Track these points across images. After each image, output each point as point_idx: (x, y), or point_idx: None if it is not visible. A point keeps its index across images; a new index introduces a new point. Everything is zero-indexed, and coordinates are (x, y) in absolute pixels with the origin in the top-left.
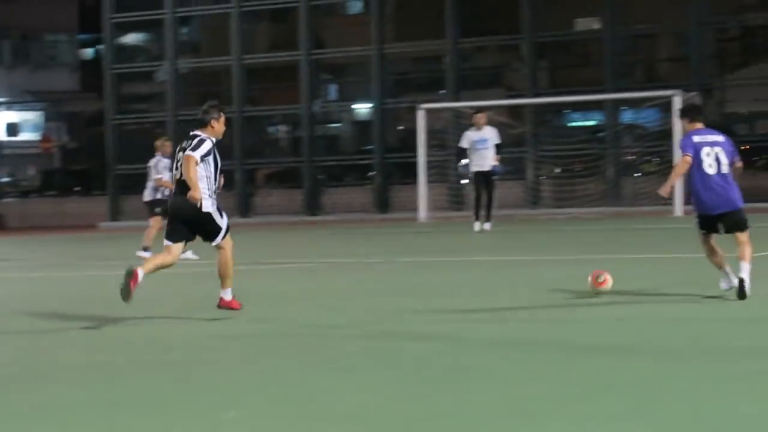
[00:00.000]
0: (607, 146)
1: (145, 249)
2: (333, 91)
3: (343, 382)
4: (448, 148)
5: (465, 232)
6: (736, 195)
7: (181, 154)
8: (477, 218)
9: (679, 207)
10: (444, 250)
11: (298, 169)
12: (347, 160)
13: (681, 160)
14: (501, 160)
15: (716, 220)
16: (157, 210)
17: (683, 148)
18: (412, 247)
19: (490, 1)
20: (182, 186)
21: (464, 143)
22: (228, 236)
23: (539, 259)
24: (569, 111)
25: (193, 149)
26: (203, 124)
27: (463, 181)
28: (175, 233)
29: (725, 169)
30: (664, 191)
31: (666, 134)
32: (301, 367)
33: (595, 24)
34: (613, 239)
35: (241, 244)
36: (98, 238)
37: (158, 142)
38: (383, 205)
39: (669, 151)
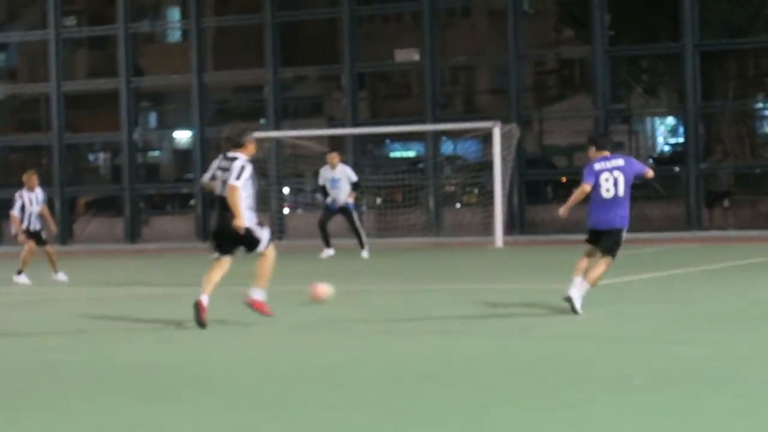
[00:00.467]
0: (427, 177)
1: (20, 272)
2: (153, 118)
3: (169, 413)
4: (269, 177)
5: (284, 260)
6: (619, 216)
7: (219, 172)
8: (327, 245)
9: (499, 238)
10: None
11: (119, 197)
12: (168, 188)
13: (580, 188)
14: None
15: (598, 235)
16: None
17: (585, 176)
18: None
19: (310, 31)
20: (225, 203)
21: (320, 180)
22: (271, 246)
23: (362, 288)
24: (390, 141)
25: (237, 178)
26: (238, 146)
27: (285, 210)
28: (223, 247)
29: (621, 192)
30: (562, 213)
31: (486, 165)
32: (126, 400)
33: (414, 55)
34: (431, 269)
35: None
36: None
37: (25, 177)
38: (205, 233)
39: (488, 182)
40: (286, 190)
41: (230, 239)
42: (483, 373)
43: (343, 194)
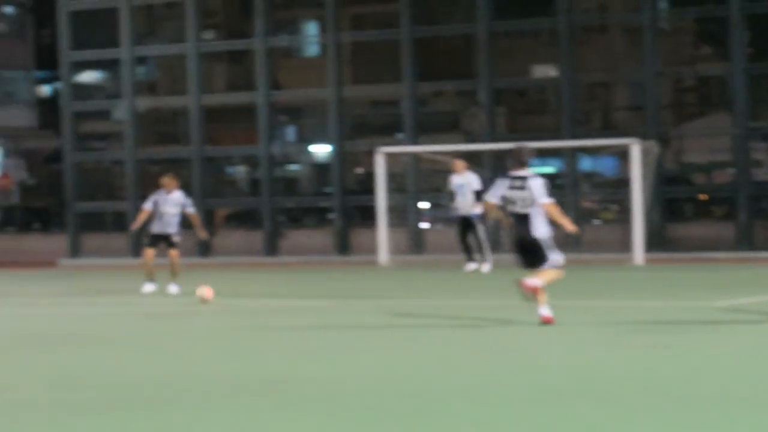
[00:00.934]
0: (565, 193)
1: (151, 280)
2: (291, 132)
3: (308, 425)
4: (407, 192)
5: (423, 275)
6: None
7: (514, 192)
8: (469, 260)
9: (639, 255)
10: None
11: (258, 210)
12: (306, 202)
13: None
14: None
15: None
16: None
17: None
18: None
19: (448, 46)
20: (523, 219)
21: (450, 186)
22: (557, 268)
23: (502, 304)
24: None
25: (547, 195)
26: (523, 164)
27: (423, 225)
28: (525, 260)
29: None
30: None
31: (624, 182)
32: (266, 412)
33: (551, 71)
34: (570, 286)
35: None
36: (58, 275)
37: (164, 180)
38: (343, 247)
39: (627, 198)
40: (424, 205)
41: (525, 252)
42: (625, 390)
43: (466, 202)
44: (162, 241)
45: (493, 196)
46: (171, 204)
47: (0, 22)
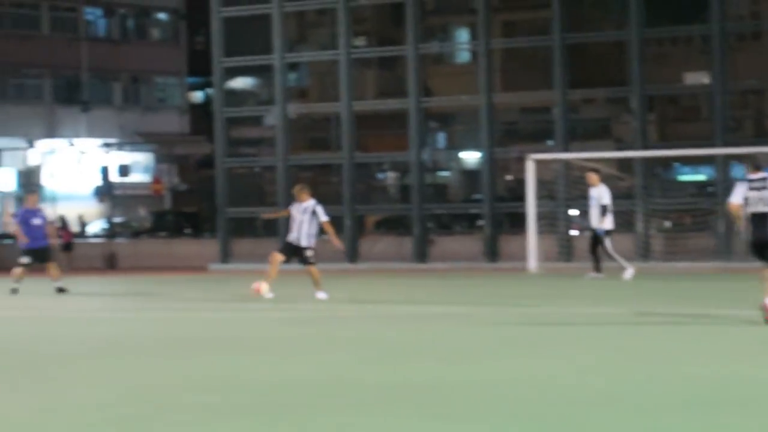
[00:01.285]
0: (717, 201)
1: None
2: (441, 139)
3: None
4: (557, 199)
5: (573, 282)
6: None
7: (753, 193)
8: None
9: None
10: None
11: (407, 217)
12: (456, 209)
13: None
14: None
15: None
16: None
17: None
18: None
19: (599, 53)
20: (764, 219)
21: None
22: None
23: (653, 311)
24: (679, 164)
25: None
26: (758, 168)
27: (572, 232)
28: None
29: None
30: None
31: None
32: (418, 420)
33: (704, 78)
34: (719, 294)
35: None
36: (208, 279)
37: (294, 190)
38: (492, 254)
39: None
40: (573, 212)
41: (764, 250)
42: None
43: (595, 215)
44: (295, 252)
45: (737, 199)
46: (302, 212)
47: (154, 29)
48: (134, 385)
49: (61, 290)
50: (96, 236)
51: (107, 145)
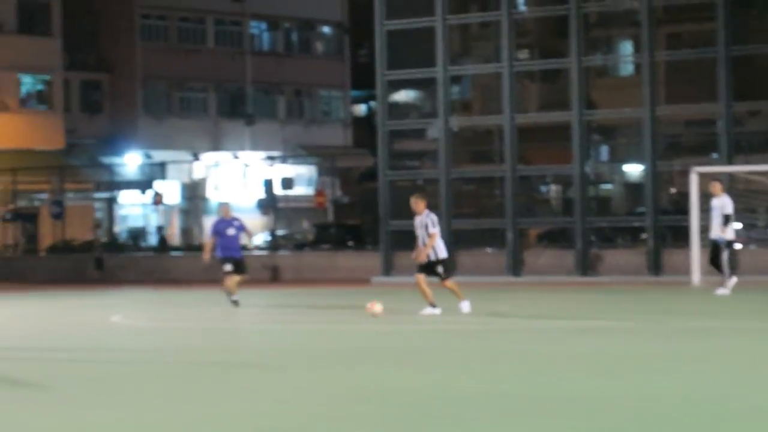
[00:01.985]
0: None
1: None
2: (604, 151)
3: None
4: None
5: (736, 296)
6: None
7: None
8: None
9: None
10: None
11: (570, 229)
12: (619, 221)
13: None
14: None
15: None
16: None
17: None
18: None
19: (765, 65)
20: None
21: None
22: None
23: None
24: None
25: None
26: None
27: (736, 246)
28: None
29: None
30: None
31: None
32: None
33: None
34: None
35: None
36: (371, 292)
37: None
38: (656, 267)
39: None
40: (737, 226)
41: None
42: None
43: (716, 225)
44: (430, 268)
45: None
46: (420, 227)
47: (318, 43)
48: (296, 396)
49: (235, 303)
50: (259, 248)
51: (271, 157)
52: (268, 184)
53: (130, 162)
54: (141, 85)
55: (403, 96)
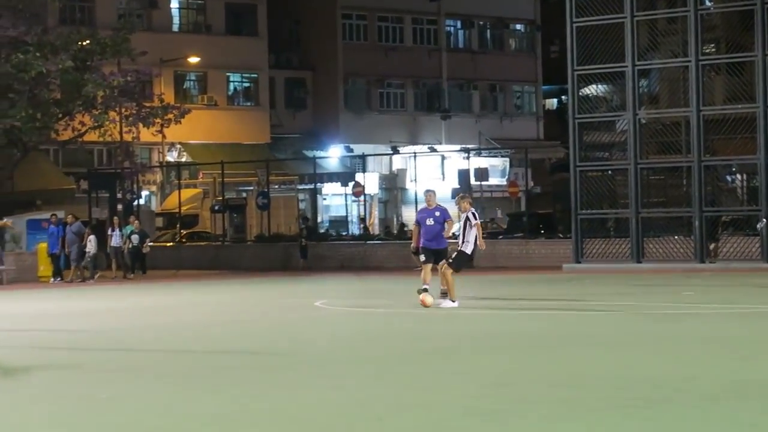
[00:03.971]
0: None
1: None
2: None
3: None
4: None
5: None
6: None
7: None
8: None
9: None
10: None
11: (754, 217)
12: None
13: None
14: None
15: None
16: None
17: None
18: None
19: None
20: None
21: None
22: None
23: None
24: None
25: None
26: None
27: None
28: None
29: None
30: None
31: None
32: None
33: None
34: None
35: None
36: (562, 279)
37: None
38: None
39: None
40: None
41: None
42: None
43: None
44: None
45: None
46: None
47: (510, 40)
48: (494, 378)
49: (422, 291)
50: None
51: (466, 150)
52: (464, 175)
53: (332, 155)
54: (342, 82)
55: (592, 90)
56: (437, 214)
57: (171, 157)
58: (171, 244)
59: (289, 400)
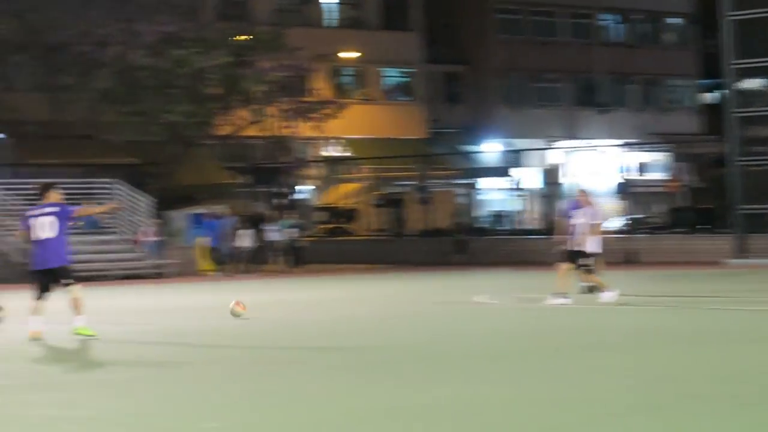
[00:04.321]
0: None
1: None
2: None
3: None
4: None
5: None
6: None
7: None
8: None
9: None
10: None
11: None
12: None
13: None
14: None
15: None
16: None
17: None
18: None
19: None
20: None
21: None
22: None
23: None
24: None
25: None
26: None
27: None
28: None
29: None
30: None
31: None
32: None
33: None
34: None
35: None
36: (724, 274)
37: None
38: None
39: None
40: None
41: None
42: None
43: None
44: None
45: None
46: (582, 216)
47: (667, 34)
48: (658, 374)
49: (591, 290)
50: (615, 232)
51: (625, 144)
52: (624, 170)
53: (489, 149)
54: (499, 77)
55: (752, 83)
56: (581, 214)
57: (330, 151)
58: (328, 238)
59: (470, 392)
